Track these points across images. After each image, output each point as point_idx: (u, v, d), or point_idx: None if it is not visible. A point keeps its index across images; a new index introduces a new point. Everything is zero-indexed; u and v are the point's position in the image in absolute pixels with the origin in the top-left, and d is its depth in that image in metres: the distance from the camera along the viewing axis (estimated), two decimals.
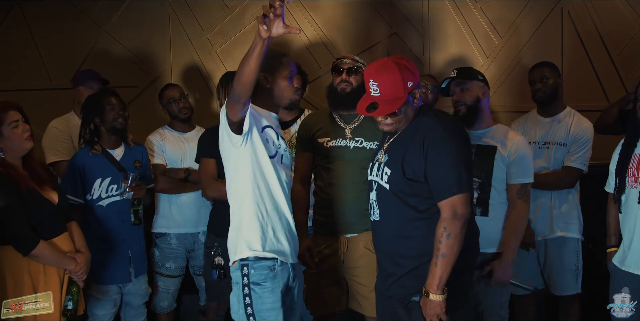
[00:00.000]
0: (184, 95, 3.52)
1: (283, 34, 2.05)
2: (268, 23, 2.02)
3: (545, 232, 3.38)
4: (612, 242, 2.82)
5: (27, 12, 4.43)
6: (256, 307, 2.31)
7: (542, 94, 3.41)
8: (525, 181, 2.83)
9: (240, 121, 2.27)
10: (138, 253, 3.20)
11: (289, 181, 2.47)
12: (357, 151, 2.82)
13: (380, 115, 2.27)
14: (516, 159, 2.81)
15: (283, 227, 2.39)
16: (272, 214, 2.38)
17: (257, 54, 2.08)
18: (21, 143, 2.57)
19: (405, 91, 2.24)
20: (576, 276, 3.38)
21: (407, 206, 2.25)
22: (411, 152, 2.23)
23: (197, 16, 4.34)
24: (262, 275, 2.32)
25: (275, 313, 2.31)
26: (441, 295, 2.16)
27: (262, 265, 2.33)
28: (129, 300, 3.24)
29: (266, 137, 2.39)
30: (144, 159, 3.29)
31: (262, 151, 2.35)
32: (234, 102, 2.21)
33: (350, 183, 2.79)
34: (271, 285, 2.32)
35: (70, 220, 2.75)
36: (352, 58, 2.91)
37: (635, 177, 2.60)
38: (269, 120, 2.45)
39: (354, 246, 2.83)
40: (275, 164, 2.39)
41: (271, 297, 2.31)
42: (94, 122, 3.11)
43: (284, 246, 2.38)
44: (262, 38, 2.05)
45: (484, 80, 2.93)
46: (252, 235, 2.34)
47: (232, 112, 2.25)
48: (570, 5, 4.13)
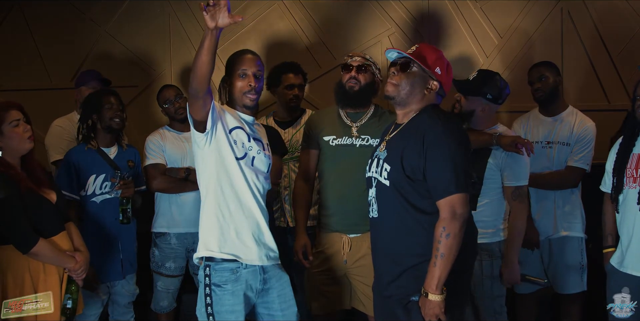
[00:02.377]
0: (180, 95, 3.53)
1: (229, 24, 2.07)
2: (210, 12, 2.03)
3: (550, 232, 3.38)
4: (608, 242, 2.80)
5: (27, 12, 4.43)
6: (216, 308, 2.31)
7: (541, 93, 3.41)
8: (520, 183, 2.84)
9: (204, 120, 2.28)
10: (129, 251, 3.22)
11: (261, 184, 2.44)
12: (363, 149, 2.81)
13: (399, 51, 2.30)
14: (511, 161, 2.82)
15: (251, 229, 2.38)
16: (237, 216, 2.36)
17: (207, 46, 2.12)
18: (21, 143, 2.57)
19: (431, 68, 2.29)
20: (581, 274, 3.38)
21: (408, 204, 2.24)
22: (410, 150, 2.23)
23: (197, 16, 4.34)
24: (223, 277, 2.33)
25: (234, 315, 2.31)
26: (440, 295, 2.15)
27: (223, 267, 2.33)
28: (117, 299, 3.25)
29: (234, 138, 2.37)
30: (137, 160, 3.32)
31: (228, 151, 2.35)
32: (193, 98, 2.23)
33: (355, 182, 2.74)
34: (232, 287, 2.32)
35: (68, 220, 2.75)
36: (362, 56, 2.90)
37: (634, 177, 2.59)
38: (239, 122, 2.43)
39: (356, 246, 2.82)
40: (243, 166, 2.37)
41: (231, 299, 2.31)
42: (92, 119, 3.14)
43: (250, 248, 2.36)
44: (210, 29, 2.07)
45: (494, 98, 2.86)
46: (210, 235, 2.36)
47: (193, 109, 2.26)
48: (570, 5, 4.13)
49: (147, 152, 3.43)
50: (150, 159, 3.41)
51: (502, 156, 2.84)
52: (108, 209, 3.13)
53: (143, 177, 3.38)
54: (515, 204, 2.85)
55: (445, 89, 2.36)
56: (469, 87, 2.88)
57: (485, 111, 2.88)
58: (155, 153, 3.42)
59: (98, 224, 3.10)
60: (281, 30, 4.31)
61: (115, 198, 3.13)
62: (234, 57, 2.51)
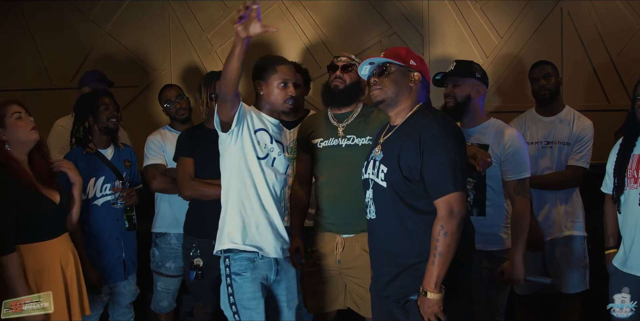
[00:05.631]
0: (182, 96, 3.52)
1: (261, 33, 2.17)
2: (244, 24, 2.15)
3: (553, 232, 3.37)
4: (610, 243, 2.79)
5: (27, 12, 4.43)
6: (237, 296, 2.46)
7: (546, 91, 3.41)
8: (521, 176, 2.77)
9: (230, 121, 2.44)
10: (131, 252, 3.22)
11: (280, 184, 2.61)
12: (349, 149, 2.82)
13: (370, 61, 2.36)
14: (510, 155, 2.76)
15: (269, 224, 2.54)
16: (257, 212, 2.53)
17: (238, 53, 2.23)
18: (27, 134, 2.56)
19: (406, 61, 2.33)
20: (584, 273, 3.38)
21: (405, 204, 2.25)
22: (407, 150, 2.24)
23: (197, 16, 4.35)
24: (243, 266, 2.48)
25: (255, 302, 2.46)
26: (439, 294, 2.16)
27: (242, 256, 2.49)
28: (118, 299, 3.25)
29: (258, 139, 2.53)
30: (132, 158, 3.32)
31: (251, 151, 2.51)
32: (222, 101, 2.38)
33: (344, 183, 2.78)
34: (251, 275, 2.48)
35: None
36: (348, 56, 2.92)
37: (635, 178, 2.58)
38: (264, 124, 2.59)
39: (350, 247, 2.82)
40: (264, 166, 2.53)
41: (251, 287, 2.47)
42: (88, 121, 3.12)
43: (268, 241, 2.53)
44: (241, 38, 2.19)
45: (482, 77, 2.91)
46: (235, 228, 2.51)
47: (221, 111, 2.41)
48: (570, 5, 4.13)
49: (147, 152, 3.43)
50: (150, 159, 3.41)
51: (501, 149, 2.78)
52: (110, 212, 3.12)
53: (139, 176, 3.38)
54: (518, 200, 2.75)
55: (427, 77, 2.41)
56: (457, 72, 2.88)
57: (479, 93, 2.87)
58: (155, 153, 3.42)
59: (101, 227, 3.10)
60: (281, 30, 4.30)
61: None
62: (271, 65, 2.61)
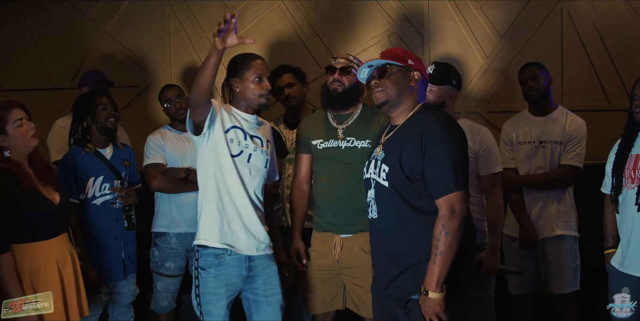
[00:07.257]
0: (182, 95, 3.52)
1: (237, 45, 2.28)
2: (223, 36, 2.25)
3: (545, 232, 3.39)
4: (609, 243, 2.80)
5: (27, 12, 4.43)
6: (201, 289, 2.57)
7: (535, 92, 3.46)
8: (497, 170, 3.01)
9: (202, 123, 2.51)
10: (130, 252, 3.22)
11: (258, 179, 2.65)
12: (348, 151, 2.82)
13: (369, 64, 2.37)
14: (485, 150, 2.98)
15: (241, 222, 2.60)
16: (230, 209, 2.59)
17: (213, 63, 2.33)
18: (27, 141, 2.57)
19: (404, 61, 2.35)
20: (575, 274, 3.40)
21: (407, 204, 2.25)
22: (408, 149, 2.24)
23: (197, 16, 4.35)
24: (208, 261, 2.57)
25: (216, 297, 2.55)
26: (440, 293, 2.15)
27: (209, 252, 2.57)
28: (117, 299, 3.25)
29: (230, 137, 2.58)
30: (132, 158, 3.32)
31: (224, 149, 2.57)
32: (194, 106, 2.47)
33: (342, 183, 2.78)
34: (215, 271, 2.56)
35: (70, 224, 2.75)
36: (346, 58, 2.89)
37: (632, 178, 2.59)
38: (237, 121, 2.63)
39: (348, 247, 2.82)
40: (238, 163, 2.58)
41: (214, 282, 2.56)
42: (86, 121, 3.12)
43: (240, 238, 2.59)
44: (217, 49, 2.29)
45: (457, 83, 2.98)
46: (206, 225, 2.60)
47: (194, 115, 2.50)
48: (570, 5, 4.13)
49: (147, 152, 3.43)
50: (150, 159, 3.40)
51: (477, 146, 2.95)
52: (109, 211, 3.12)
53: (138, 176, 3.38)
54: (495, 192, 2.99)
55: (425, 76, 2.44)
56: (435, 78, 2.89)
57: (453, 99, 2.97)
58: (155, 153, 3.42)
59: (100, 227, 3.10)
60: (281, 30, 4.31)
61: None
62: (243, 61, 2.65)
